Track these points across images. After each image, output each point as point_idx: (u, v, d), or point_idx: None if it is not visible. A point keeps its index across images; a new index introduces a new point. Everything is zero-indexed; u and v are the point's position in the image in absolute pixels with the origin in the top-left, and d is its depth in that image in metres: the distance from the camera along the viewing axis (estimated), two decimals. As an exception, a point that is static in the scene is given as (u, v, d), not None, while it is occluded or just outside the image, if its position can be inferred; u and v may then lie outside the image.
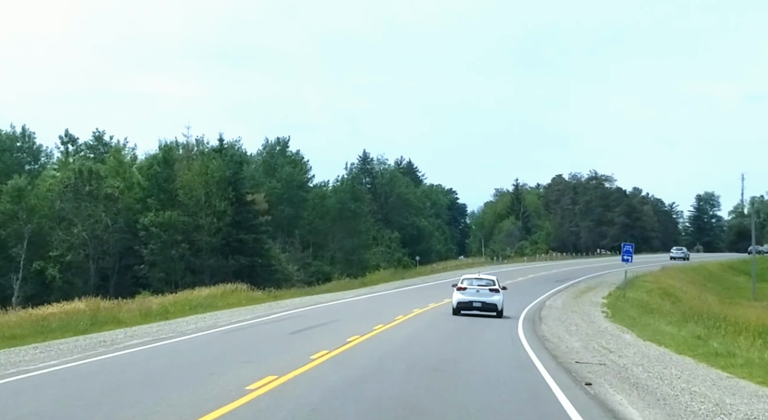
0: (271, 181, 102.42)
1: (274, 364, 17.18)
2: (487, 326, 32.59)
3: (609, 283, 73.13)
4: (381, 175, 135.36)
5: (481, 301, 36.44)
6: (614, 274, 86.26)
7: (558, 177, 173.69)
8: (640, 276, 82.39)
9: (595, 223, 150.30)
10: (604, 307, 49.38)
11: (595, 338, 30.22)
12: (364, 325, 28.15)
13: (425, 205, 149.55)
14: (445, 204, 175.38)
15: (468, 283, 37.19)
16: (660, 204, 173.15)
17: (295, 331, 26.06)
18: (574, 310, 45.61)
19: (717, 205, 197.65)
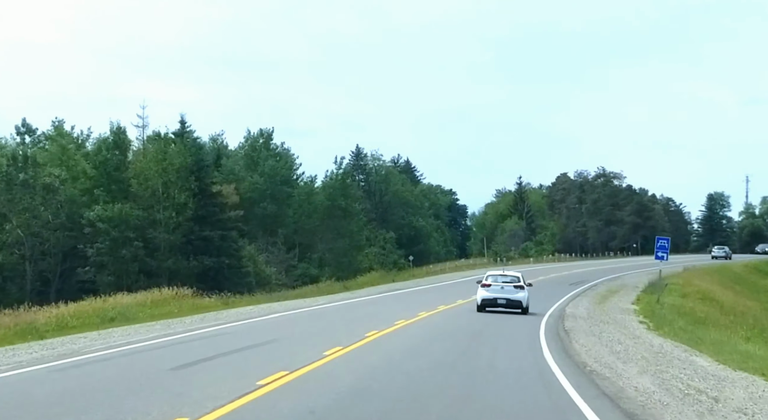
0: (252, 175, 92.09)
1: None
2: (500, 347, 22.40)
3: (630, 286, 63.01)
4: (375, 171, 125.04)
5: (506, 298, 35.28)
6: (632, 276, 76.14)
7: (563, 175, 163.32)
8: (665, 277, 72.23)
9: (603, 223, 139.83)
10: (639, 316, 39.29)
11: (661, 366, 20.13)
12: (303, 352, 17.96)
13: (423, 204, 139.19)
14: (444, 204, 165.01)
15: (492, 280, 36.02)
16: (671, 203, 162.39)
17: (183, 365, 15.80)
18: (605, 320, 35.40)
19: (727, 206, 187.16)
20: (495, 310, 35.45)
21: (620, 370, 18.95)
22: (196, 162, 61.72)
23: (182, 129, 65.85)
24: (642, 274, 77.91)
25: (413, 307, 35.26)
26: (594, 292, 55.13)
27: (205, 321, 27.21)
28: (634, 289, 59.35)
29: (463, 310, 37.65)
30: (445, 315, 33.72)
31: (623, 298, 51.59)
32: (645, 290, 58.17)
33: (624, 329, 31.85)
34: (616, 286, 62.35)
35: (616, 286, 62.38)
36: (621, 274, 77.29)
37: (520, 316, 35.98)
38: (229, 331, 23.51)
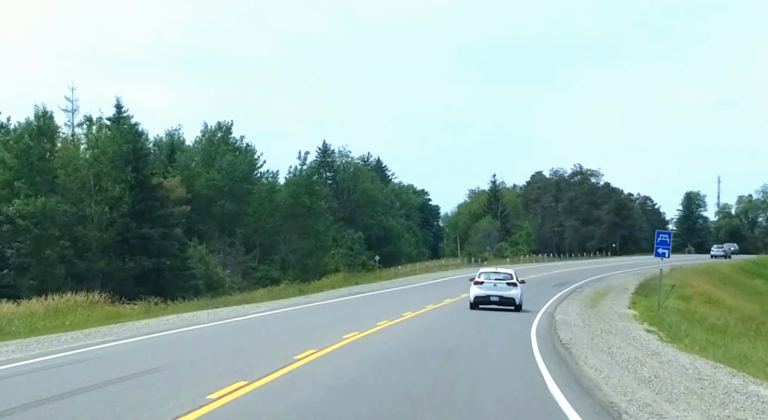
0: (209, 171, 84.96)
1: None
2: (483, 374, 15.77)
3: (619, 287, 56.67)
4: (343, 169, 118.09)
5: (499, 295, 34.78)
6: (617, 277, 69.83)
7: (538, 174, 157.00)
8: (652, 279, 65.95)
9: (580, 222, 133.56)
10: (643, 323, 32.92)
11: (723, 405, 13.41)
12: (165, 400, 11.06)
13: (394, 204, 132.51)
14: (416, 205, 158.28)
15: (485, 277, 35.47)
16: (648, 202, 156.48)
17: None
18: (606, 329, 28.90)
19: (703, 206, 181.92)
20: (484, 309, 34.00)
21: (671, 415, 12.21)
22: (133, 150, 54.17)
23: (118, 114, 58.11)
24: (627, 275, 71.69)
25: (372, 315, 28.52)
26: (581, 295, 48.63)
27: (89, 337, 20.25)
28: (623, 292, 52.98)
29: (433, 317, 30.96)
30: (411, 325, 26.99)
31: (615, 301, 45.11)
32: (637, 292, 51.85)
33: (633, 342, 25.27)
34: (602, 287, 55.92)
35: (603, 288, 55.94)
36: (605, 275, 70.96)
37: (504, 322, 29.44)
38: (103, 355, 16.59)
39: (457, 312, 33.71)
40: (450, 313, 33.30)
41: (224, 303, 37.40)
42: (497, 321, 29.74)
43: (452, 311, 34.14)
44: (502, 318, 31.28)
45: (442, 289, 48.17)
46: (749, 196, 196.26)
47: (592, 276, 69.04)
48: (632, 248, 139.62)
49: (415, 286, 53.03)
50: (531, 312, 35.13)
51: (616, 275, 71.72)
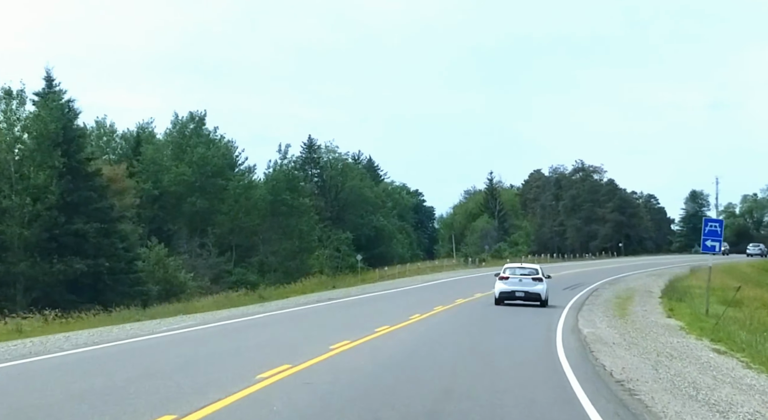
0: (179, 165, 76.20)
1: None
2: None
3: (641, 290, 48.03)
4: (331, 165, 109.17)
5: (524, 291, 33.50)
6: (633, 278, 61.21)
7: (536, 172, 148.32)
8: (675, 280, 57.41)
9: (583, 221, 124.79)
10: (701, 338, 24.56)
11: None
12: None
13: (386, 204, 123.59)
14: (410, 205, 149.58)
15: (510, 273, 34.44)
16: (653, 200, 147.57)
17: None
18: (661, 350, 20.46)
19: (707, 205, 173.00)
20: (483, 321, 27.97)
21: None
22: (64, 131, 44.85)
23: (48, 88, 48.44)
24: (644, 277, 63.06)
25: (328, 334, 19.72)
26: (601, 300, 39.93)
27: None
28: (648, 295, 44.30)
29: (419, 335, 22.09)
30: (378, 351, 18.12)
31: (646, 307, 36.44)
32: (667, 296, 43.16)
33: (713, 371, 16.56)
34: (622, 291, 47.20)
35: (623, 291, 47.22)
36: (618, 277, 62.30)
37: (521, 340, 20.80)
38: None
39: (446, 332, 24.23)
40: (432, 334, 22.91)
41: (151, 315, 28.57)
42: (506, 343, 20.90)
43: (438, 331, 23.59)
44: (513, 339, 22.39)
45: (431, 294, 39.59)
46: (754, 195, 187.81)
47: (605, 277, 60.37)
48: (637, 249, 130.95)
49: (399, 291, 44.34)
50: (551, 322, 26.47)
51: (632, 276, 63.02)
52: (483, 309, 32.11)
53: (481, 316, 29.01)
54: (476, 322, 26.98)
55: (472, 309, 32.28)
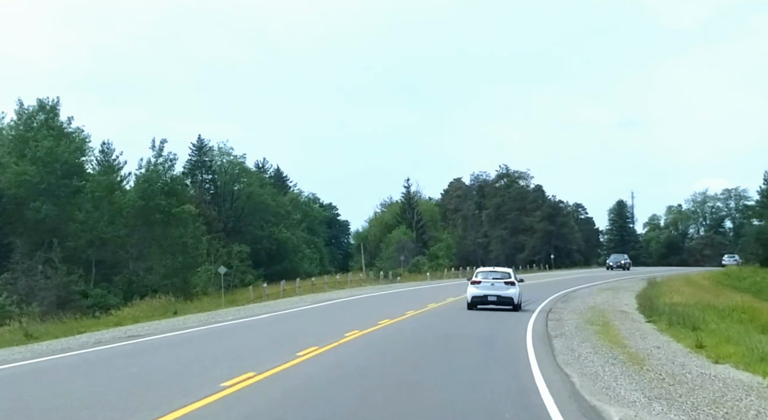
0: (20, 163, 60.38)
1: None
2: None
3: (612, 310, 34.36)
4: (225, 170, 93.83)
5: (497, 295, 32.60)
6: (585, 293, 47.79)
7: (457, 181, 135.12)
8: (642, 296, 44.02)
9: (509, 232, 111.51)
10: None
11: None
12: None
13: (291, 215, 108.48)
14: (321, 218, 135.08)
15: (482, 277, 33.49)
16: (581, 210, 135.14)
17: None
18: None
19: (631, 217, 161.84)
20: None
21: None
22: None
23: None
24: (596, 292, 49.50)
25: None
26: (570, 324, 25.84)
27: None
28: (625, 317, 30.51)
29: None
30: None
31: (648, 340, 22.51)
32: (655, 318, 29.35)
33: None
34: (586, 311, 33.38)
35: (588, 311, 33.41)
36: (567, 292, 48.87)
37: None
38: None
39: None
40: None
41: None
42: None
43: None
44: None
45: (301, 328, 25.04)
46: (679, 206, 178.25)
47: (550, 294, 46.59)
48: (566, 261, 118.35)
49: (258, 318, 29.66)
50: (512, 393, 12.00)
51: (583, 292, 49.40)
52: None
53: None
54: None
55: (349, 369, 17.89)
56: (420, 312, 31.21)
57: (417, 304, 34.25)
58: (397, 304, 34.93)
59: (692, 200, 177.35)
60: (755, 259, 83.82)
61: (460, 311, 32.00)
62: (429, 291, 48.62)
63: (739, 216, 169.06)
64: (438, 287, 54.98)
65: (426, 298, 38.19)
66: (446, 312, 31.80)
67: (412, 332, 22.45)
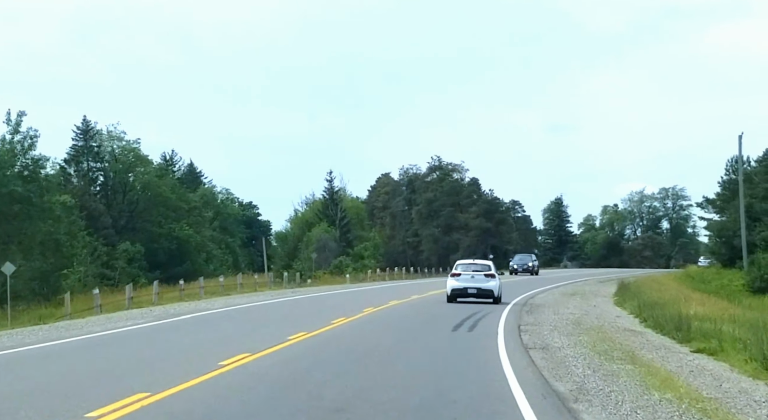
0: None
1: None
2: None
3: (610, 325, 22.19)
4: (116, 157, 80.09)
5: (477, 288, 31.93)
6: (545, 298, 35.76)
7: (385, 176, 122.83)
8: (622, 302, 32.37)
9: (442, 230, 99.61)
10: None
11: None
12: None
13: (200, 211, 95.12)
14: (236, 216, 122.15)
15: (462, 269, 32.69)
16: (518, 208, 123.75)
17: None
18: None
19: (566, 217, 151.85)
20: None
21: None
22: None
23: None
24: (560, 297, 37.80)
25: None
26: (579, 363, 13.57)
27: None
28: (640, 339, 18.45)
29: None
30: None
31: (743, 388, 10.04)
32: (665, 330, 17.42)
33: None
34: (574, 327, 21.30)
35: (576, 327, 21.33)
36: (525, 297, 36.80)
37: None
38: None
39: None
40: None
41: None
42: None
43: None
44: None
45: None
46: (615, 206, 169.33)
47: (502, 303, 34.35)
48: (503, 262, 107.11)
49: (105, 334, 17.32)
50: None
51: (543, 298, 37.42)
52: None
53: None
54: None
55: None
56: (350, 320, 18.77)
57: (280, 332, 20.44)
58: (301, 311, 22.47)
59: (629, 200, 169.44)
60: (716, 259, 73.19)
61: (374, 347, 19.62)
62: (339, 299, 36.25)
63: (682, 215, 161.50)
64: (356, 292, 42.57)
65: (317, 316, 24.60)
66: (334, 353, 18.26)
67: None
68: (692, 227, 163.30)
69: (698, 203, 79.87)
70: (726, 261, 70.34)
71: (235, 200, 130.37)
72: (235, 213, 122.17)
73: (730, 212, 69.72)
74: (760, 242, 65.05)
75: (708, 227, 76.92)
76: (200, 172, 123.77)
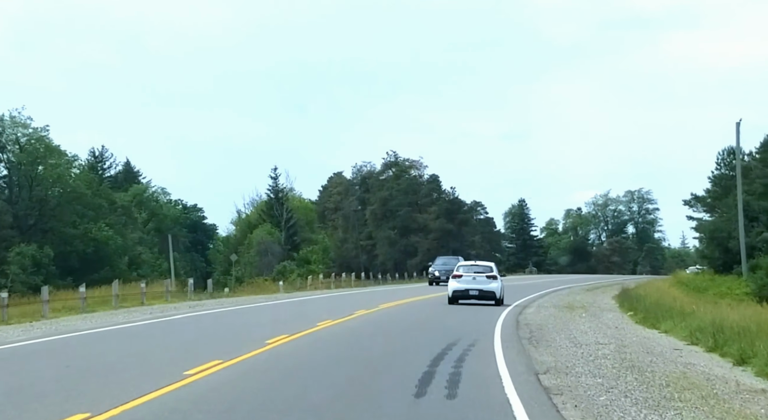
0: None
1: None
2: None
3: (643, 367, 11.47)
4: (21, 147, 68.27)
5: (478, 289, 31.43)
6: (548, 318, 25.27)
7: (337, 175, 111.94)
8: (642, 318, 22.13)
9: (398, 232, 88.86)
10: None
11: None
12: None
13: (126, 210, 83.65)
14: (177, 218, 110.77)
15: (464, 271, 32.28)
16: (480, 209, 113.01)
17: None
18: None
19: (530, 219, 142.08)
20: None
21: None
22: None
23: None
24: (553, 310, 27.59)
25: None
26: None
27: None
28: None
29: None
30: None
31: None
32: None
33: None
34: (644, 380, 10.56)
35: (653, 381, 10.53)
36: (509, 311, 26.20)
37: None
38: None
39: None
40: None
41: None
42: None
43: None
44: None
45: None
46: (578, 209, 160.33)
47: (487, 321, 23.83)
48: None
49: None
50: None
51: (534, 315, 26.87)
52: None
53: None
54: None
55: None
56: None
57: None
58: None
59: (593, 203, 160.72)
60: (708, 264, 63.28)
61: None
62: (241, 319, 25.14)
63: (648, 219, 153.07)
64: (279, 307, 31.63)
65: (153, 365, 13.06)
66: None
67: None
68: (659, 232, 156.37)
69: (686, 201, 70.13)
70: (719, 266, 60.62)
71: (173, 201, 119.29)
72: (173, 214, 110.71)
73: (723, 211, 60.07)
74: (762, 245, 55.37)
75: (699, 228, 67.02)
76: (138, 171, 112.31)
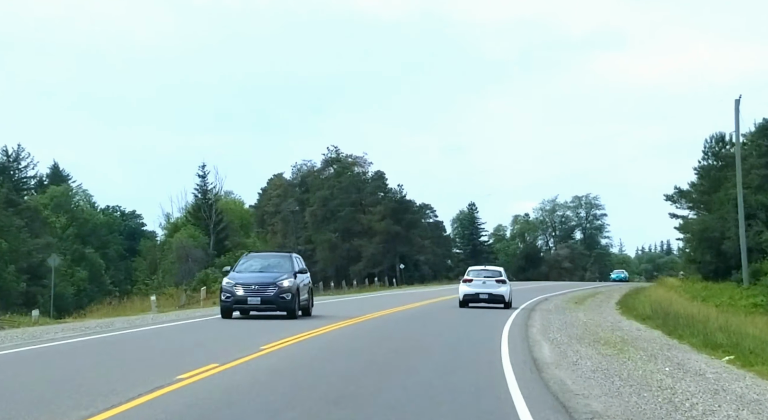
0: None
1: None
2: None
3: None
4: None
5: (488, 293, 31.85)
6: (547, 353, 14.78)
7: (277, 177, 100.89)
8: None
9: (340, 235, 78.04)
10: None
11: None
12: None
13: (33, 212, 71.82)
14: (111, 225, 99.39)
15: (474, 275, 32.82)
16: (429, 211, 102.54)
17: None
18: None
19: (480, 224, 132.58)
20: None
21: None
22: None
23: None
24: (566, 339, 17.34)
25: None
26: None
27: None
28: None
29: None
30: None
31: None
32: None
33: None
34: None
35: None
36: (481, 339, 15.55)
37: None
38: None
39: None
40: None
41: None
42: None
43: None
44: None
45: None
46: (526, 215, 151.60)
47: (447, 333, 13.03)
48: (414, 275, 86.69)
49: None
50: None
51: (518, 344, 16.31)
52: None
53: None
54: None
55: None
56: None
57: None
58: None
59: (540, 209, 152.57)
60: (695, 270, 53.61)
61: None
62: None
63: (596, 224, 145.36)
64: (120, 346, 20.85)
65: None
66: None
67: None
68: (606, 238, 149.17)
69: (668, 196, 60.31)
70: (710, 272, 51.02)
71: (109, 207, 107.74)
72: (103, 221, 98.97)
73: (715, 207, 50.53)
74: (766, 246, 45.96)
75: (684, 227, 57.20)
76: (68, 175, 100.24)
